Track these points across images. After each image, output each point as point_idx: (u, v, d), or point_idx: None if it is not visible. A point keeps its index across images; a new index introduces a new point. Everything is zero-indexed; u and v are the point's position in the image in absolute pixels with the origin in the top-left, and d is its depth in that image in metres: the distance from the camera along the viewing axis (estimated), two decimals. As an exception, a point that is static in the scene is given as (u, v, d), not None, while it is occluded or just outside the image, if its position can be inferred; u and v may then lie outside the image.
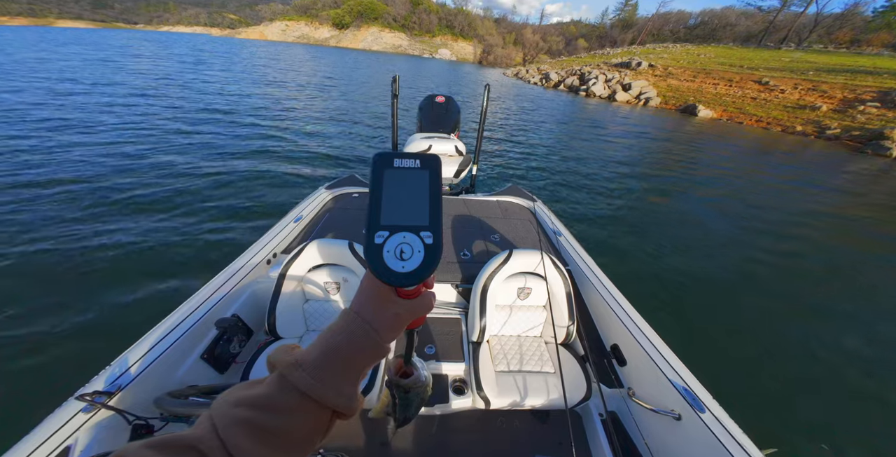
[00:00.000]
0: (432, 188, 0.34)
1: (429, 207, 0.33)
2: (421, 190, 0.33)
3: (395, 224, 0.32)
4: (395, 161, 0.33)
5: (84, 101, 8.18)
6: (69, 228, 3.21)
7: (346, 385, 0.32)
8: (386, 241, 0.31)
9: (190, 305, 1.34)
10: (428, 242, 0.31)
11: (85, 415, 0.92)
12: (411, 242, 0.31)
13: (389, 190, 0.33)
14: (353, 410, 0.32)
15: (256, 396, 0.29)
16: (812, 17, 63.82)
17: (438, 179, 0.34)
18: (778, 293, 3.44)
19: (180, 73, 14.80)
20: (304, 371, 0.30)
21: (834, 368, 2.59)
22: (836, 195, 7.05)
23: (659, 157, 8.86)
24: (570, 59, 46.44)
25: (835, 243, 4.75)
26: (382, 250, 0.31)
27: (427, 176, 0.34)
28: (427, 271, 0.31)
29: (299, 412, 0.29)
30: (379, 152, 0.34)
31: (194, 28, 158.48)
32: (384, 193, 0.33)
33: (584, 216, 4.72)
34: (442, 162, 1.86)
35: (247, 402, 0.29)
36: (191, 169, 4.79)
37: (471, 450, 1.33)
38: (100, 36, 46.62)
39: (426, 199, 0.33)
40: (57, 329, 2.21)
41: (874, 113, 15.72)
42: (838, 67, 23.75)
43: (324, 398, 0.30)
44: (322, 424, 0.31)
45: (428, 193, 0.33)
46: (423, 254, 0.31)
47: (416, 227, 0.32)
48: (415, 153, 0.34)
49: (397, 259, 0.30)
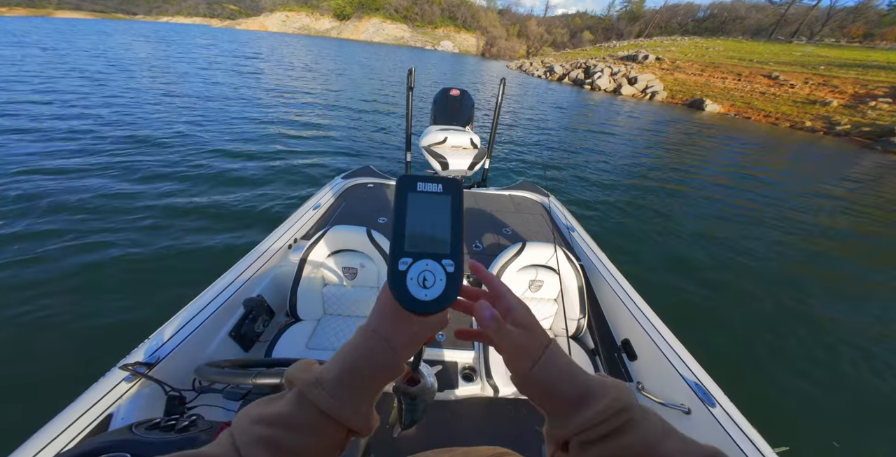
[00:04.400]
0: (454, 214, 0.34)
1: (450, 234, 0.33)
2: (443, 216, 0.33)
3: (418, 251, 0.32)
4: (419, 185, 0.34)
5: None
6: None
7: (364, 404, 0.32)
8: (409, 268, 0.31)
9: (219, 285, 1.41)
10: (450, 270, 0.32)
11: (127, 384, 0.97)
12: (433, 269, 0.31)
13: (413, 215, 0.33)
14: (369, 428, 0.32)
15: (277, 414, 0.29)
16: (825, 10, 62.36)
17: (460, 205, 0.34)
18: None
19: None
20: (324, 390, 0.30)
21: (851, 364, 2.53)
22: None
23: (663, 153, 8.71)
24: (575, 52, 45.59)
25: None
26: (406, 277, 0.31)
27: (449, 201, 0.34)
28: (449, 300, 0.31)
29: (318, 430, 0.30)
30: (404, 175, 0.35)
31: (194, 19, 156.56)
32: (408, 218, 0.33)
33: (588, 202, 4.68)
34: (457, 155, 1.97)
35: (267, 420, 0.29)
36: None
37: (478, 436, 1.34)
38: (107, 27, 46.06)
39: (448, 225, 0.33)
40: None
41: (886, 109, 15.41)
42: (850, 62, 23.25)
43: (342, 417, 0.30)
44: (339, 441, 0.31)
45: (450, 220, 0.33)
46: (445, 282, 0.31)
47: (439, 254, 0.32)
48: (438, 177, 0.35)
49: (420, 287, 0.31)
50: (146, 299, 2.30)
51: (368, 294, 1.60)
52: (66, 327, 2.07)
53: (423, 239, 0.33)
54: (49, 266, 2.52)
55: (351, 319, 1.60)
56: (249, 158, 5.07)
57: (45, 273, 2.45)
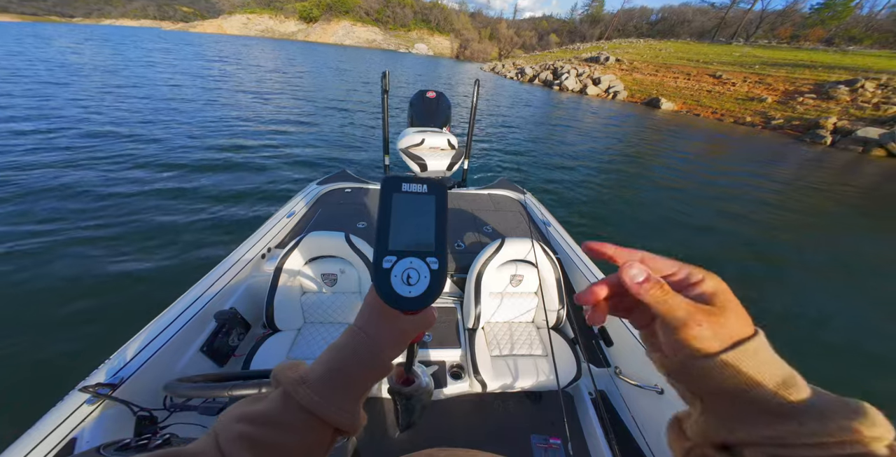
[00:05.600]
0: (438, 214, 0.34)
1: (434, 233, 0.34)
2: (427, 215, 0.34)
3: (402, 249, 0.32)
4: (404, 185, 0.34)
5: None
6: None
7: (349, 402, 0.32)
8: (394, 266, 0.32)
9: (187, 298, 1.35)
10: (433, 267, 0.32)
11: (89, 406, 0.91)
12: (418, 267, 0.32)
13: (398, 214, 0.33)
14: (355, 427, 0.33)
15: (260, 412, 0.29)
16: (758, 13, 68.83)
17: (445, 205, 0.35)
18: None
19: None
20: (309, 388, 0.31)
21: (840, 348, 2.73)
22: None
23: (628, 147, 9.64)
24: (544, 54, 47.62)
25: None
26: (390, 275, 0.31)
27: (433, 201, 0.34)
28: (432, 297, 0.32)
29: (302, 429, 0.30)
30: (389, 176, 0.35)
31: (142, 22, 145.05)
32: (392, 217, 0.33)
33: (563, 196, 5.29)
34: (435, 156, 2.44)
35: (250, 417, 0.29)
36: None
37: (469, 432, 1.38)
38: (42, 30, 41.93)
39: (432, 225, 0.34)
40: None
41: (811, 104, 17.49)
42: (780, 61, 25.96)
43: (327, 415, 0.30)
44: (324, 440, 0.32)
45: (434, 219, 0.34)
46: (429, 279, 0.32)
47: (423, 252, 0.33)
48: (423, 178, 0.35)
49: (404, 284, 0.31)
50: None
51: (350, 300, 1.57)
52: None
53: (407, 238, 0.33)
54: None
55: (333, 326, 1.56)
56: (209, 165, 4.78)
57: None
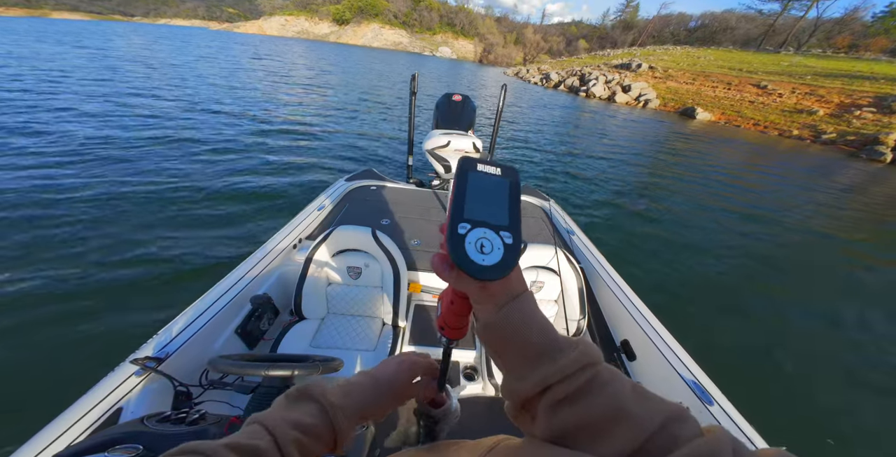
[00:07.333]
0: (512, 195, 0.34)
1: (508, 211, 0.33)
2: (501, 195, 0.34)
3: (477, 219, 0.32)
4: (479, 166, 0.34)
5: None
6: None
7: (354, 429, 0.40)
8: (468, 233, 0.31)
9: (226, 283, 1.44)
10: (508, 241, 0.31)
11: (137, 378, 0.98)
12: (491, 238, 0.31)
13: (472, 190, 0.33)
14: (343, 451, 0.40)
15: (311, 425, 0.36)
16: (812, 21, 64.15)
17: (518, 189, 0.35)
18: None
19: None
20: (345, 416, 0.38)
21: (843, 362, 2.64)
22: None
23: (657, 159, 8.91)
24: (571, 60, 46.38)
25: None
26: (465, 241, 0.31)
27: (507, 184, 0.34)
28: (507, 268, 0.30)
29: (326, 444, 0.38)
30: (465, 156, 0.35)
31: (192, 21, 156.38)
32: (468, 192, 0.33)
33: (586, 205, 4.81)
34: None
35: (302, 428, 0.35)
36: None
37: (480, 435, 1.31)
38: (104, 28, 45.92)
39: (506, 203, 0.33)
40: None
41: (870, 118, 15.89)
42: (836, 72, 23.94)
43: (343, 439, 0.38)
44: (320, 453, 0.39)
45: (508, 199, 0.34)
46: (503, 251, 0.31)
47: (497, 226, 0.32)
48: (496, 162, 0.35)
49: (478, 252, 0.30)
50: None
51: (371, 293, 1.62)
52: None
53: (481, 211, 0.32)
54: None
55: (353, 319, 1.62)
56: (252, 168, 5.01)
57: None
